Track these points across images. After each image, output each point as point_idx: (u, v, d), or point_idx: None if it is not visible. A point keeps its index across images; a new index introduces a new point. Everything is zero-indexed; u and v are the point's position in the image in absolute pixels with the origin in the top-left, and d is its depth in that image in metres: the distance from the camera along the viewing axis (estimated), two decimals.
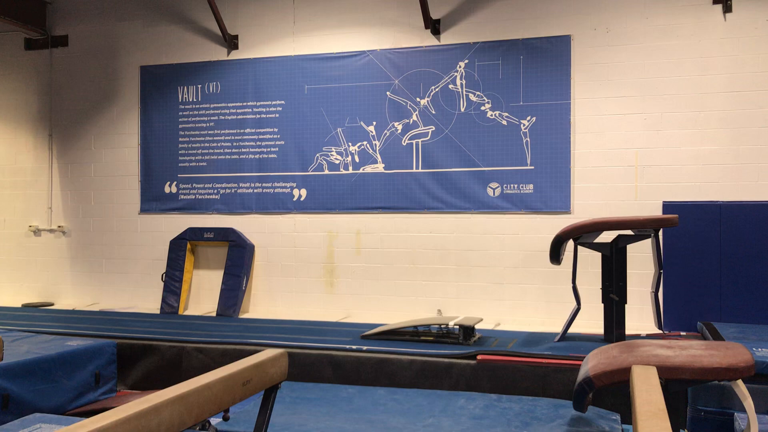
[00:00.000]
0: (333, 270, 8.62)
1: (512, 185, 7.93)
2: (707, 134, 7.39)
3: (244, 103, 8.99)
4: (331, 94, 8.61)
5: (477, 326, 6.60)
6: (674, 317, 7.26)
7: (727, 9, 7.35)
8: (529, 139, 7.87)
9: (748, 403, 3.92)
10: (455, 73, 8.15)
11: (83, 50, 9.75)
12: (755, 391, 4.83)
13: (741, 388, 3.93)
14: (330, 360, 5.92)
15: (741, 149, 7.29)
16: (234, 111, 9.04)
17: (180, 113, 9.29)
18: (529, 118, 7.88)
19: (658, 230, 6.13)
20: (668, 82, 7.50)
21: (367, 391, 5.06)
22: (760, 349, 5.38)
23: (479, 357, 5.57)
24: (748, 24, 7.30)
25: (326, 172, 8.61)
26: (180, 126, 9.29)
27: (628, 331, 6.31)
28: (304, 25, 8.81)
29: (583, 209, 7.65)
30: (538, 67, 7.88)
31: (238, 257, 8.79)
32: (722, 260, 7.22)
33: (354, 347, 5.99)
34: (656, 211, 7.39)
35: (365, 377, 5.79)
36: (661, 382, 3.76)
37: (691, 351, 3.96)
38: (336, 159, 8.59)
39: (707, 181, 7.37)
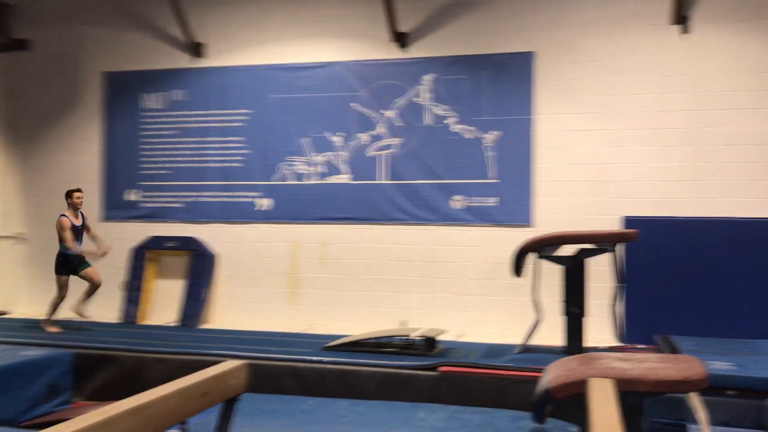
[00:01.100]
0: (297, 280, 8.58)
1: (476, 198, 8.00)
2: (667, 151, 7.55)
3: (209, 112, 8.93)
4: (297, 104, 8.61)
5: (440, 338, 6.63)
6: (633, 330, 7.37)
7: (686, 30, 7.54)
8: (492, 153, 7.96)
9: (701, 415, 4.00)
10: (421, 87, 8.22)
11: (46, 54, 9.58)
12: (709, 403, 4.93)
13: (694, 400, 4.01)
14: (292, 371, 5.89)
15: (699, 166, 7.46)
16: (199, 119, 8.97)
17: (143, 120, 9.19)
18: (493, 132, 7.97)
19: (618, 244, 6.24)
20: (629, 99, 7.65)
21: (328, 402, 5.04)
22: (714, 363, 5.50)
23: (441, 368, 5.59)
24: (707, 45, 7.50)
25: (291, 182, 8.59)
26: (143, 133, 9.18)
27: (587, 344, 6.39)
28: (270, 35, 8.80)
29: (545, 223, 7.74)
30: (502, 82, 7.98)
31: (201, 267, 8.70)
32: (681, 275, 7.36)
33: (316, 359, 5.96)
34: (617, 226, 7.51)
35: (327, 389, 5.77)
36: (618, 395, 3.82)
37: (648, 364, 4.03)
38: (301, 169, 8.58)
39: (667, 197, 7.52)
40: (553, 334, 7.12)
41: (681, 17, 7.49)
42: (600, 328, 7.40)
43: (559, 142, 7.82)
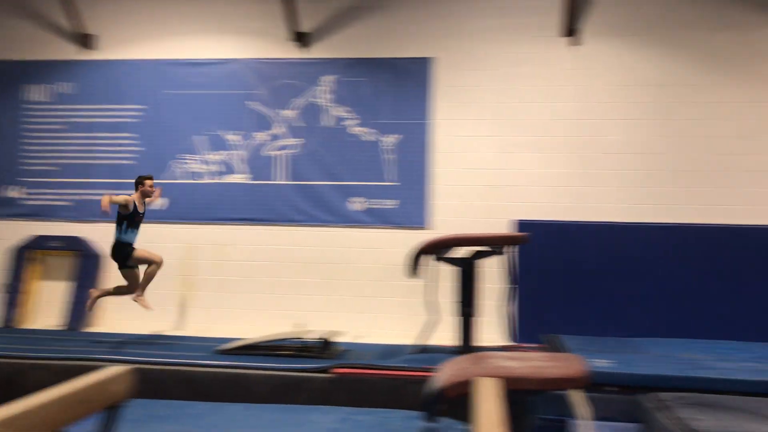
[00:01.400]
0: (191, 283, 8.34)
1: (375, 200, 8.05)
2: (554, 158, 7.86)
3: (99, 106, 8.54)
4: (192, 100, 8.38)
5: (336, 339, 6.61)
6: (524, 330, 7.62)
7: (575, 42, 7.88)
8: (392, 156, 8.04)
9: (583, 410, 4.18)
10: (320, 87, 8.19)
11: None
12: (591, 399, 5.16)
13: (575, 396, 4.18)
14: (182, 376, 5.71)
15: (585, 173, 7.82)
16: (87, 114, 8.57)
17: (26, 113, 8.68)
18: (392, 135, 8.05)
19: (510, 247, 6.43)
20: (521, 107, 7.92)
21: (220, 407, 4.92)
22: (596, 360, 5.76)
23: (336, 370, 5.58)
24: (594, 57, 7.87)
25: (187, 180, 8.35)
26: (26, 126, 8.68)
27: (480, 344, 6.55)
28: (165, 29, 8.53)
29: (442, 225, 7.89)
30: (402, 86, 8.08)
31: (87, 268, 8.31)
32: (569, 276, 7.68)
33: (208, 362, 5.81)
34: (509, 229, 7.75)
35: (219, 393, 5.63)
36: (505, 393, 3.93)
37: (534, 363, 4.18)
38: (195, 168, 8.35)
39: (555, 202, 7.83)
40: (447, 334, 7.26)
41: (571, 30, 7.83)
42: (492, 328, 7.61)
43: (455, 147, 7.99)
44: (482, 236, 6.29)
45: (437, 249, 6.27)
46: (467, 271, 6.34)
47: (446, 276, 7.32)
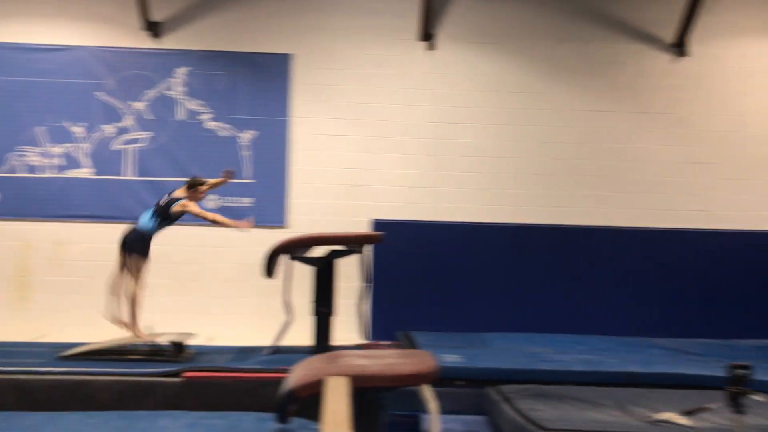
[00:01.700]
0: (27, 284, 7.74)
1: (230, 198, 7.86)
2: (411, 159, 8.04)
3: None
4: (33, 88, 7.79)
5: (189, 342, 6.38)
6: (381, 328, 7.73)
7: (432, 47, 8.10)
8: (248, 153, 7.88)
9: (432, 405, 4.28)
10: (174, 80, 7.88)
11: None
12: (442, 394, 5.31)
13: (426, 392, 4.29)
14: (14, 385, 5.28)
15: (440, 175, 8.05)
16: None
17: None
18: (249, 131, 7.89)
19: (366, 246, 6.49)
20: (379, 108, 8.03)
21: (57, 417, 4.59)
22: (446, 356, 5.94)
23: (186, 374, 5.39)
24: (449, 62, 8.12)
25: (23, 174, 7.74)
26: None
27: (336, 343, 6.56)
28: (3, 10, 7.87)
29: (299, 224, 7.83)
30: (260, 81, 7.94)
31: None
32: (423, 275, 7.88)
33: (45, 369, 5.42)
34: (366, 228, 7.83)
35: (58, 402, 5.25)
36: (359, 391, 3.96)
37: (386, 360, 4.24)
38: (35, 161, 7.77)
39: (411, 202, 8.01)
40: (303, 334, 7.21)
41: (427, 34, 8.03)
42: (349, 326, 7.65)
43: (314, 145, 7.96)
44: (338, 235, 6.31)
45: (294, 248, 6.21)
46: (324, 271, 6.33)
47: (303, 275, 7.28)
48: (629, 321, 7.88)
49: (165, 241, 7.80)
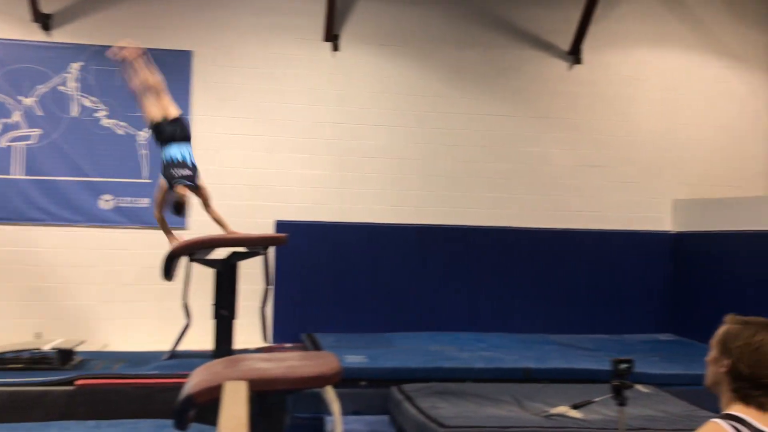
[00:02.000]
0: None
1: (127, 198, 7.58)
2: (316, 159, 8.01)
3: None
4: None
5: (80, 349, 6.11)
6: (284, 330, 7.66)
7: (336, 47, 8.10)
8: (147, 152, 7.62)
9: (335, 406, 4.28)
10: (68, 75, 7.52)
11: None
12: (344, 395, 5.32)
13: (329, 393, 4.28)
14: None
15: (344, 175, 8.06)
16: None
17: None
18: (147, 129, 7.63)
19: (269, 248, 6.42)
20: (284, 107, 7.95)
21: None
22: (350, 356, 5.96)
23: (77, 382, 5.17)
24: (353, 63, 8.14)
25: None
26: None
27: (238, 346, 6.46)
28: None
29: (201, 225, 7.62)
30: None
31: None
32: (327, 276, 7.86)
33: None
34: (270, 230, 7.74)
35: None
36: (259, 394, 3.91)
37: (289, 362, 4.21)
38: None
39: (316, 203, 7.97)
40: (204, 338, 7.06)
41: (332, 35, 8.02)
42: (252, 329, 7.54)
43: (216, 145, 7.80)
44: (240, 237, 6.20)
45: (194, 250, 6.07)
46: (225, 273, 6.21)
47: (204, 278, 7.12)
48: (527, 318, 8.16)
49: (57, 244, 7.47)
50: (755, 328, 2.04)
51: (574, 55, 8.53)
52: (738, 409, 1.99)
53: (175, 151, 5.78)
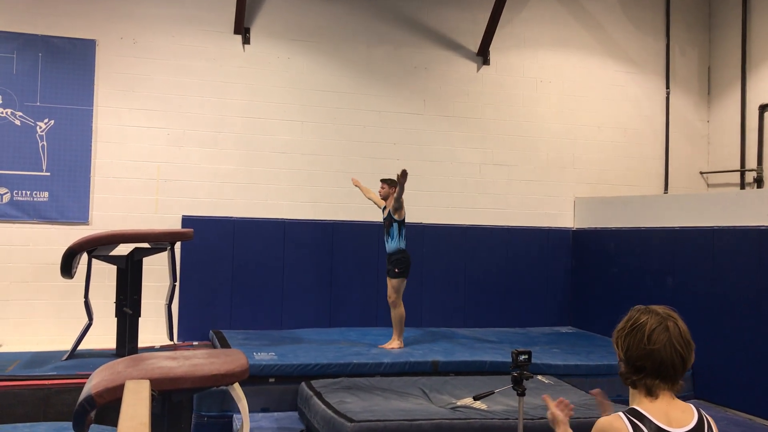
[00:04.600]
0: None
1: (24, 192, 7.23)
2: (225, 154, 7.88)
3: None
4: None
5: None
6: (191, 327, 7.52)
7: (246, 41, 7.99)
8: (45, 143, 7.30)
9: (242, 404, 4.26)
10: None
11: None
12: (253, 392, 5.29)
13: (236, 391, 4.25)
14: None
15: (253, 170, 7.97)
16: None
17: None
18: (47, 120, 7.31)
19: (175, 243, 6.29)
20: (191, 100, 7.78)
21: None
22: (258, 353, 5.92)
23: None
24: (264, 57, 8.05)
25: None
26: None
27: (143, 344, 6.31)
28: None
29: (103, 220, 7.39)
30: (59, 67, 7.38)
31: None
32: (235, 272, 7.76)
33: None
34: (176, 225, 7.56)
35: None
36: (163, 393, 3.84)
37: (194, 360, 4.14)
38: None
39: (224, 198, 7.84)
40: (108, 336, 6.86)
41: (243, 28, 7.91)
42: (157, 327, 7.37)
43: (120, 138, 7.55)
44: (143, 233, 6.06)
45: (95, 246, 5.88)
46: (129, 270, 6.05)
47: (106, 275, 6.91)
48: (435, 312, 8.32)
49: None
50: (640, 313, 1.99)
51: (482, 56, 8.75)
52: (639, 403, 1.96)
53: None
